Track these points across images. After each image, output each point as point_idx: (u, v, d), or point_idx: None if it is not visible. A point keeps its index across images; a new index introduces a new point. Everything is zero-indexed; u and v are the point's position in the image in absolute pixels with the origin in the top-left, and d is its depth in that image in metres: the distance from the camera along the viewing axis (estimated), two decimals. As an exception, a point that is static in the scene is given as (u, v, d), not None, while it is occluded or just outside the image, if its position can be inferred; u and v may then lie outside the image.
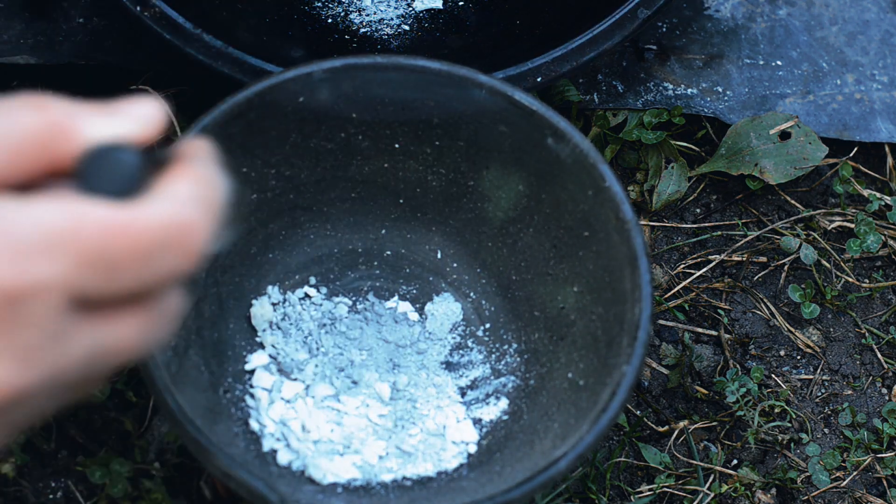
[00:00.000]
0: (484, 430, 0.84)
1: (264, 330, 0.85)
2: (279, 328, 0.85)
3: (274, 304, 0.86)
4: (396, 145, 0.85)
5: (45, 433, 0.86)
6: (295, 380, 0.84)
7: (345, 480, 0.80)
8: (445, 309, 0.87)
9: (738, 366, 0.93)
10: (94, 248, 0.48)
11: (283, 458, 0.80)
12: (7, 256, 0.46)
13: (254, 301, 0.85)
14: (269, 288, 0.86)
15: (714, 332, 0.95)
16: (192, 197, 0.50)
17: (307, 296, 0.87)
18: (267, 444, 0.81)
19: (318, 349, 0.85)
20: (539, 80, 0.89)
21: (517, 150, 0.83)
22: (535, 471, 0.74)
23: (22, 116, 0.50)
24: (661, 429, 0.91)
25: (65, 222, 0.47)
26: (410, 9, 0.99)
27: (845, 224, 0.98)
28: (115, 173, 0.49)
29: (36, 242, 0.47)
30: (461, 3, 0.99)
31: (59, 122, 0.50)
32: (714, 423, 0.92)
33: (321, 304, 0.86)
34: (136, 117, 0.52)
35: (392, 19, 0.98)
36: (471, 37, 0.97)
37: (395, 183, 0.86)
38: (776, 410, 0.92)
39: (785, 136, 0.99)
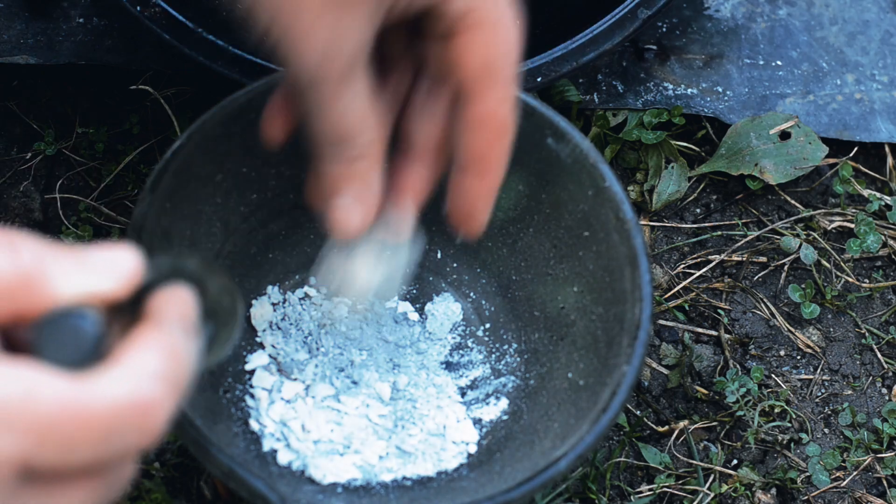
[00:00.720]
0: (484, 430, 0.84)
1: (264, 330, 0.85)
2: (279, 328, 0.85)
3: (274, 304, 0.86)
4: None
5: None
6: (295, 380, 0.84)
7: (345, 480, 0.80)
8: (445, 309, 0.87)
9: (738, 366, 0.93)
10: (47, 424, 0.46)
11: (283, 458, 0.80)
12: None
13: (254, 301, 0.85)
14: (269, 288, 0.86)
15: (714, 332, 0.95)
16: (155, 373, 0.49)
17: (307, 296, 0.87)
18: (267, 444, 0.81)
19: (318, 349, 0.85)
20: (539, 79, 0.89)
21: (517, 150, 0.83)
22: (535, 471, 0.74)
23: None
24: (661, 429, 0.91)
25: (17, 395, 0.46)
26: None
27: (845, 224, 0.98)
28: (73, 342, 0.48)
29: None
30: (461, 3, 0.99)
31: (29, 271, 0.48)
32: (714, 423, 0.92)
33: (321, 304, 0.86)
34: (109, 270, 0.50)
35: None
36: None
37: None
38: (776, 410, 0.92)
39: (785, 136, 0.99)
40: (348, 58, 0.62)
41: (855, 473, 0.91)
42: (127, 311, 0.50)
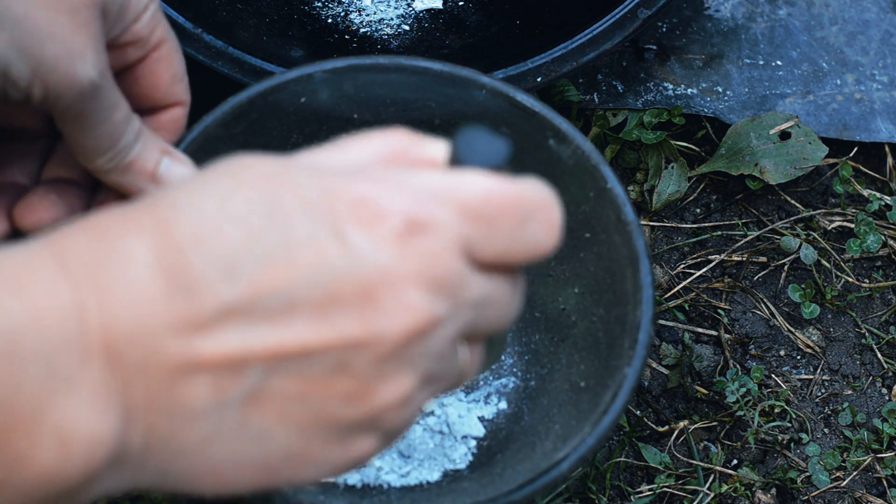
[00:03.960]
0: (485, 430, 0.84)
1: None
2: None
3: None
4: (397, 146, 0.85)
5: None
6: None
7: (346, 481, 0.80)
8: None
9: (738, 366, 0.93)
10: (476, 203, 0.51)
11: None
12: (405, 197, 0.50)
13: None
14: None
15: (714, 332, 0.95)
16: (543, 184, 0.54)
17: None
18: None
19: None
20: (539, 80, 0.89)
21: (518, 152, 0.83)
22: (536, 472, 0.74)
23: (372, 141, 0.54)
24: (661, 429, 0.91)
25: (449, 181, 0.52)
26: (410, 9, 0.99)
27: (845, 224, 0.98)
28: (486, 149, 0.54)
29: (428, 193, 0.51)
30: (461, 3, 0.99)
31: (407, 142, 0.55)
32: (714, 423, 0.92)
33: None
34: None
35: (392, 19, 0.98)
36: (471, 37, 0.97)
37: None
38: (776, 410, 0.92)
39: (785, 136, 0.99)
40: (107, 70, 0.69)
41: (855, 473, 0.91)
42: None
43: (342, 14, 0.98)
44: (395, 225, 0.50)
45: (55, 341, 0.47)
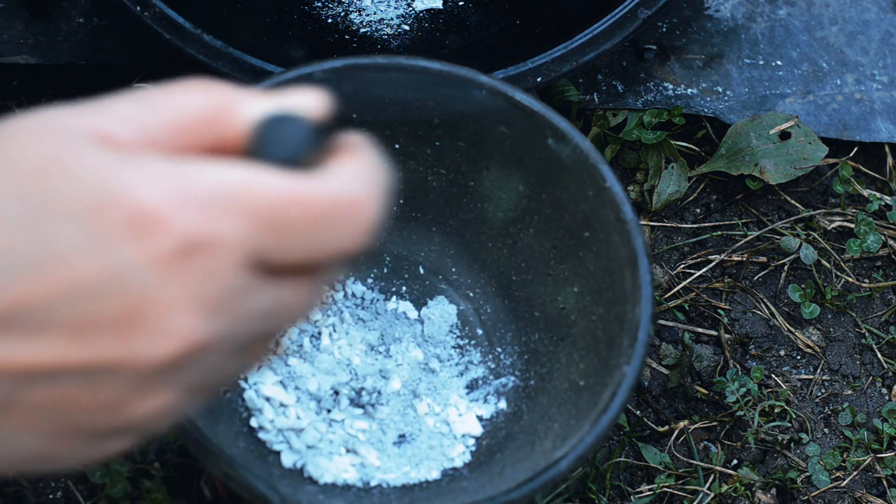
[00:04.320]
0: (484, 429, 0.84)
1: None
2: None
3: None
4: (397, 146, 0.85)
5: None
6: (297, 389, 0.84)
7: (346, 480, 0.80)
8: (441, 311, 0.87)
9: (738, 366, 0.93)
10: (270, 211, 0.48)
11: (284, 458, 0.80)
12: (189, 209, 0.47)
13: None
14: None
15: (714, 332, 0.95)
16: (361, 176, 0.51)
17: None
18: (268, 445, 0.81)
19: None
20: (539, 80, 0.89)
21: (518, 151, 0.83)
22: (535, 472, 0.74)
23: (188, 96, 0.51)
24: (661, 429, 0.91)
25: (242, 184, 0.48)
26: (410, 9, 0.99)
27: (845, 224, 0.98)
28: (287, 140, 0.50)
29: (216, 200, 0.47)
30: (461, 3, 0.99)
31: (223, 101, 0.51)
32: (714, 423, 0.92)
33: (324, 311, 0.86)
34: (300, 98, 0.52)
35: (392, 19, 0.98)
36: (471, 37, 0.97)
37: (395, 183, 0.86)
38: (776, 410, 0.92)
39: (785, 136, 0.99)
40: None
41: (855, 473, 0.91)
42: (321, 139, 0.52)
43: (342, 14, 0.98)
44: (170, 244, 0.47)
45: None
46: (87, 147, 0.48)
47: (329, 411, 0.83)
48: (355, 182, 0.50)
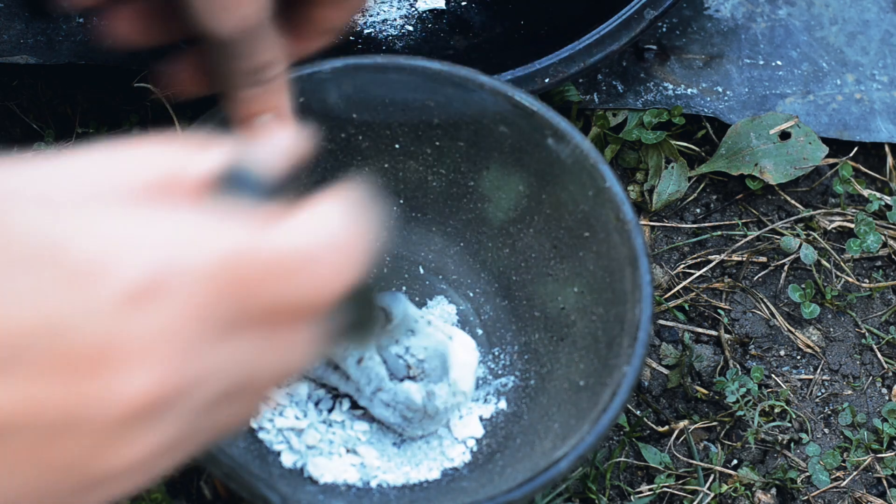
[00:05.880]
0: (484, 430, 0.84)
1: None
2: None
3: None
4: (397, 146, 0.85)
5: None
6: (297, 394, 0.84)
7: (346, 481, 0.80)
8: (441, 312, 0.87)
9: (738, 366, 0.93)
10: (230, 263, 0.47)
11: (284, 458, 0.80)
12: (149, 254, 0.45)
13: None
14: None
15: (714, 332, 0.95)
16: (331, 221, 0.49)
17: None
18: (268, 445, 0.81)
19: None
20: (546, 81, 0.89)
21: (517, 151, 0.83)
22: (535, 471, 0.74)
23: (141, 159, 0.49)
24: (661, 429, 0.91)
25: (204, 235, 0.46)
26: (413, 9, 0.99)
27: (845, 224, 0.98)
28: (243, 194, 0.48)
29: (175, 248, 0.46)
30: (464, 3, 0.99)
31: (177, 161, 0.49)
32: (714, 423, 0.92)
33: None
34: (256, 150, 0.50)
35: (395, 20, 0.98)
36: (475, 37, 0.97)
37: (395, 183, 0.86)
38: (776, 410, 0.92)
39: (785, 136, 0.99)
40: (267, 9, 0.69)
41: (855, 473, 0.91)
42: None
43: (343, 14, 0.98)
44: (127, 287, 0.45)
45: None
46: (30, 200, 0.46)
47: (329, 412, 0.83)
48: (320, 230, 0.48)
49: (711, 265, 0.96)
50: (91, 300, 0.44)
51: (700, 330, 0.95)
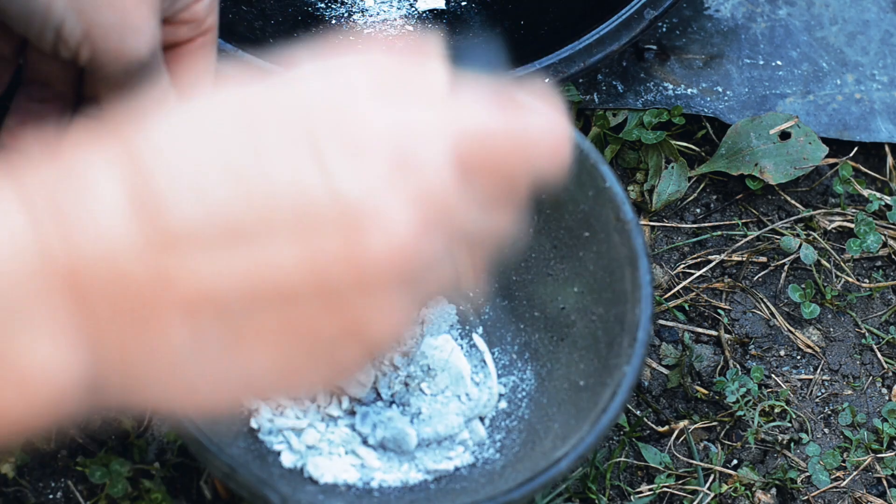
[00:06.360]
0: (484, 430, 0.84)
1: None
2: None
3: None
4: (397, 145, 0.85)
5: (45, 433, 0.86)
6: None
7: (346, 481, 0.80)
8: (440, 312, 0.87)
9: (738, 366, 0.93)
10: (472, 138, 0.50)
11: (284, 458, 0.80)
12: (397, 132, 0.49)
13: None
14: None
15: (714, 332, 0.95)
16: (555, 113, 0.53)
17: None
18: (268, 445, 0.81)
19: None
20: (546, 81, 0.89)
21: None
22: (535, 471, 0.74)
23: (369, 63, 0.52)
24: (661, 429, 0.91)
25: (444, 116, 0.50)
26: (413, 9, 0.99)
27: (845, 224, 0.98)
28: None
29: (418, 127, 0.49)
30: (464, 3, 0.99)
31: (402, 68, 0.52)
32: (714, 423, 0.92)
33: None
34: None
35: (395, 20, 0.98)
36: (475, 37, 0.97)
37: None
38: (776, 410, 0.92)
39: (785, 136, 0.99)
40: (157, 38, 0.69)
41: (855, 473, 0.91)
42: None
43: (346, 15, 0.98)
44: (381, 158, 0.48)
45: (13, 277, 0.45)
46: (286, 97, 0.49)
47: (330, 415, 0.83)
48: (547, 113, 0.52)
49: (711, 265, 0.96)
50: (348, 166, 0.47)
51: (700, 330, 0.95)
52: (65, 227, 0.45)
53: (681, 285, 0.96)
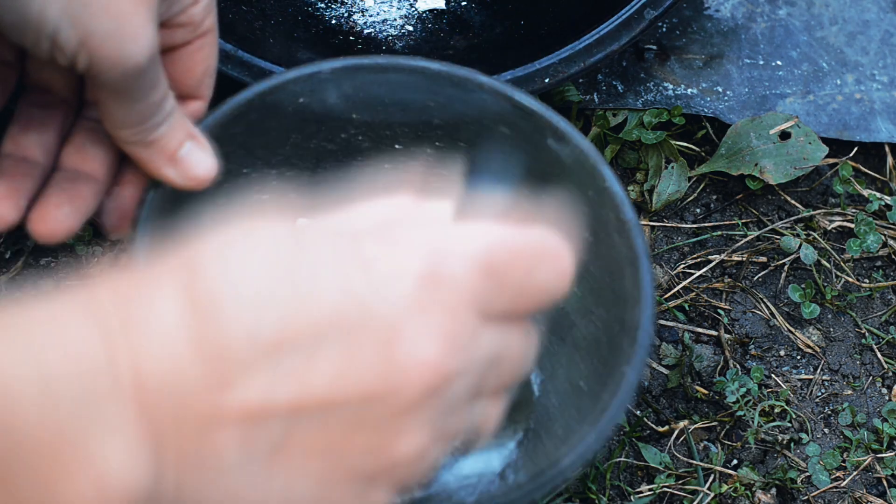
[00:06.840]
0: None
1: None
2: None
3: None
4: (397, 146, 0.85)
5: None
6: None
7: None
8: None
9: (738, 366, 0.93)
10: (485, 257, 0.53)
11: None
12: (423, 251, 0.52)
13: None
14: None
15: (714, 332, 0.95)
16: (553, 232, 0.55)
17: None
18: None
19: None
20: (547, 81, 0.89)
21: (518, 151, 0.83)
22: (536, 472, 0.74)
23: (378, 202, 0.56)
24: (661, 429, 0.91)
25: (458, 236, 0.53)
26: (413, 9, 0.99)
27: (845, 224, 0.98)
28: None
29: (439, 248, 0.52)
30: (464, 3, 0.99)
31: (411, 204, 0.56)
32: (714, 423, 0.92)
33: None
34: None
35: (395, 20, 0.98)
36: (475, 37, 0.97)
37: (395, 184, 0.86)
38: (776, 410, 0.92)
39: (785, 136, 0.99)
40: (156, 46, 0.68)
41: (855, 473, 0.91)
42: None
43: (346, 15, 0.98)
44: (415, 276, 0.51)
45: (93, 391, 0.47)
46: (312, 228, 0.53)
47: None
48: (551, 233, 0.55)
49: (711, 265, 0.96)
50: (388, 280, 0.51)
51: (700, 330, 0.95)
52: (136, 358, 0.48)
53: (681, 285, 0.96)
